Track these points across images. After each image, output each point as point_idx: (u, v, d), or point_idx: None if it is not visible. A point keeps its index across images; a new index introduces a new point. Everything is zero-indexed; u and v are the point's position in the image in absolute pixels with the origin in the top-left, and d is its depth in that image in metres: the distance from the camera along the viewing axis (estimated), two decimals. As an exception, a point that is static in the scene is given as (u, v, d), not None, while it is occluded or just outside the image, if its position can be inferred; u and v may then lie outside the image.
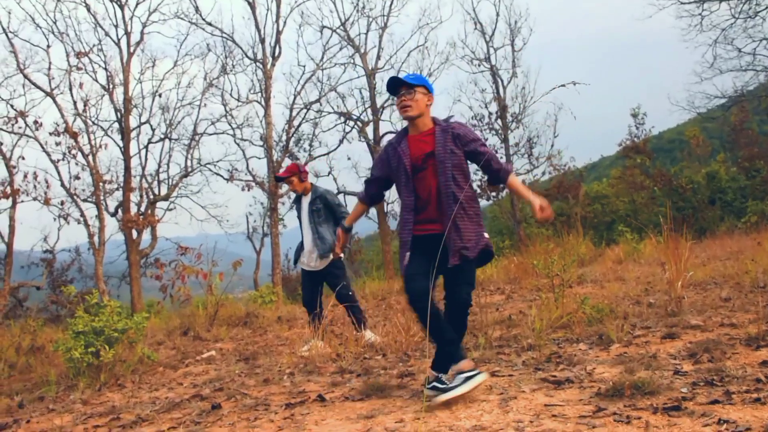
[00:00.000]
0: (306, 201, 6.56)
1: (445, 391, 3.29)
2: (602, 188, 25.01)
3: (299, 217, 6.68)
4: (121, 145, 19.14)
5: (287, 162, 21.31)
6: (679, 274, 5.22)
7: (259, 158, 21.00)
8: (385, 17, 21.72)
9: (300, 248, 6.61)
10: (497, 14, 22.40)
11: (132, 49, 19.55)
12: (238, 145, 20.84)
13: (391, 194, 22.46)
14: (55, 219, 18.85)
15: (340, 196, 22.46)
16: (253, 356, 6.29)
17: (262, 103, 20.20)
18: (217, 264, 9.99)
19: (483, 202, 26.27)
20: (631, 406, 2.79)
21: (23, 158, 18.49)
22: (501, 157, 3.63)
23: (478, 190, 24.00)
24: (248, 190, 20.55)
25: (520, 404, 3.12)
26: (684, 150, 33.85)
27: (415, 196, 3.61)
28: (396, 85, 3.67)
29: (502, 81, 22.27)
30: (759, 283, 6.18)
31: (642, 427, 2.50)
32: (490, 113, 22.40)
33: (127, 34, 19.55)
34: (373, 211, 22.47)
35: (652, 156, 25.14)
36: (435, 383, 3.38)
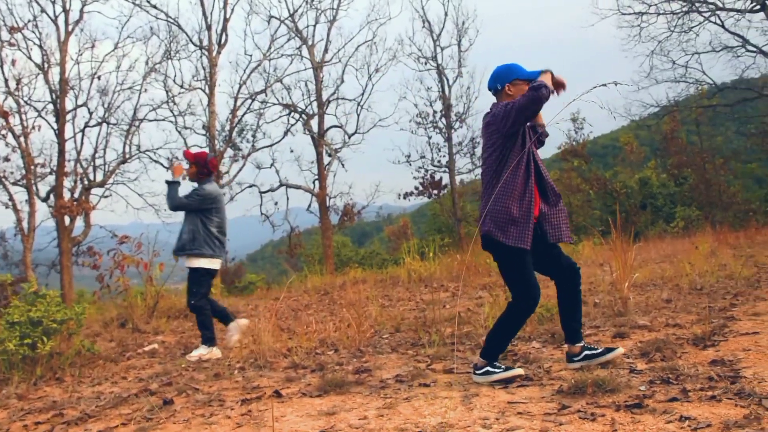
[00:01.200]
0: None
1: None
2: (540, 190, 25.61)
3: None
4: (56, 127, 18.35)
5: (229, 153, 20.93)
6: (625, 275, 5.39)
7: (201, 147, 20.45)
8: (334, 10, 21.62)
9: None
10: (445, 14, 22.68)
11: (70, 28, 18.76)
12: (179, 132, 20.32)
13: (334, 188, 22.38)
14: (-20, 202, 17.93)
15: (283, 189, 22.26)
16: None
17: (206, 90, 19.76)
18: (159, 254, 9.70)
19: (425, 199, 26.53)
20: (594, 403, 2.86)
21: (-53, 136, 17.51)
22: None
23: (421, 187, 24.22)
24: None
25: (483, 401, 3.15)
26: (618, 155, 35.04)
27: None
28: None
29: (447, 80, 22.51)
30: (696, 286, 6.45)
31: (607, 424, 2.56)
32: (435, 111, 22.62)
33: (66, 11, 18.73)
34: (315, 204, 22.33)
35: (590, 160, 25.93)
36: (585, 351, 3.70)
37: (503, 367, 3.57)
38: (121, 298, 10.57)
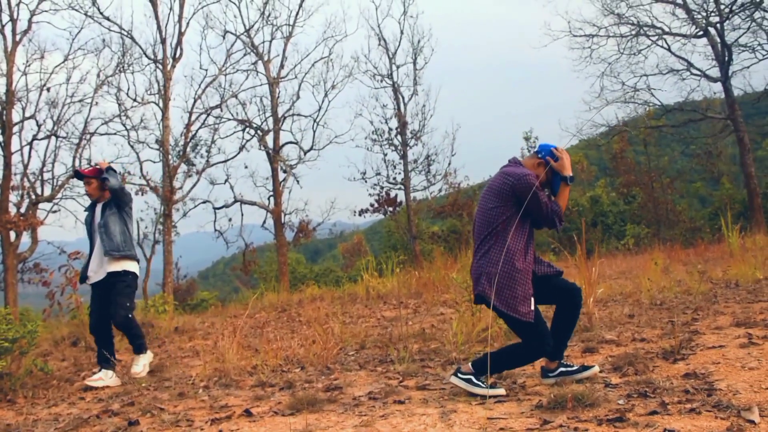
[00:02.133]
0: (99, 207, 5.76)
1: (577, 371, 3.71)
2: (495, 207, 25.83)
3: (90, 227, 5.82)
4: (1, 140, 17.70)
5: (183, 168, 20.54)
6: (590, 291, 5.45)
7: (154, 162, 20.02)
8: (290, 26, 21.53)
9: (87, 263, 5.81)
10: (401, 32, 22.62)
11: (18, 38, 18.17)
12: (132, 147, 19.85)
13: (289, 205, 22.15)
14: None
15: (237, 205, 21.98)
16: (160, 368, 5.96)
17: (160, 104, 19.38)
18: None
19: (378, 216, 26.53)
20: (575, 418, 2.85)
21: None
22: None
23: (377, 204, 24.22)
24: (141, 194, 19.58)
25: (461, 417, 3.12)
26: (569, 174, 35.73)
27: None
28: None
29: (403, 98, 22.61)
30: (656, 301, 6.58)
31: (592, 438, 2.56)
32: (390, 129, 22.69)
33: (13, 20, 18.15)
34: (270, 221, 22.10)
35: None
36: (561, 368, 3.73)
37: (486, 384, 3.56)
38: (71, 316, 10.21)
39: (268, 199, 21.81)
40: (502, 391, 3.52)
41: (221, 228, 22.13)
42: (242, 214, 22.09)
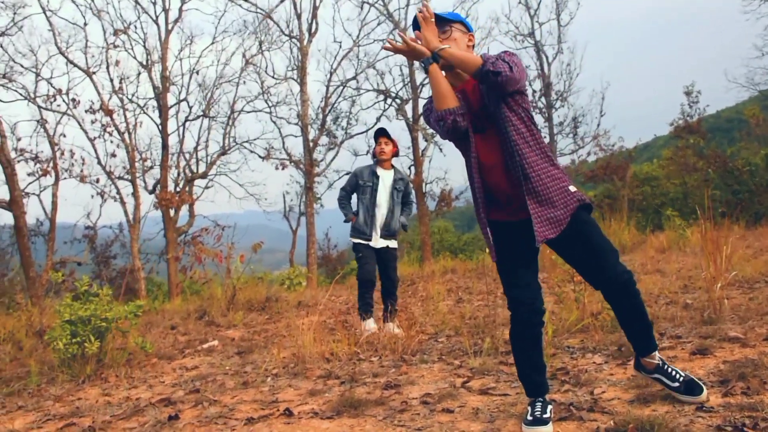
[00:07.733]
0: (389, 178, 6.33)
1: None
2: (652, 169, 23.74)
3: (374, 189, 6.27)
4: (159, 122, 18.99)
5: (324, 140, 20.81)
6: (718, 272, 4.53)
7: (296, 136, 20.53)
8: (426, -10, 20.89)
9: (366, 222, 6.27)
10: (544, -14, 21.23)
11: (170, 27, 19.31)
12: (274, 123, 20.47)
13: (429, 174, 21.77)
14: (92, 196, 18.91)
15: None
16: (249, 350, 5.89)
17: (298, 80, 19.74)
18: (234, 247, 9.62)
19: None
20: (633, 456, 2.21)
21: (64, 136, 18.54)
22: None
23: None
24: (282, 168, 20.19)
25: (501, 440, 2.58)
26: (743, 130, 32.02)
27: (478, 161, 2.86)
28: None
29: (546, 57, 21.21)
30: (817, 284, 5.42)
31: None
32: (534, 91, 21.43)
33: (165, 11, 19.31)
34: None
35: (707, 136, 23.70)
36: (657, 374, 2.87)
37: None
38: (202, 290, 10.69)
39: (409, 168, 21.59)
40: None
41: (365, 198, 22.24)
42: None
